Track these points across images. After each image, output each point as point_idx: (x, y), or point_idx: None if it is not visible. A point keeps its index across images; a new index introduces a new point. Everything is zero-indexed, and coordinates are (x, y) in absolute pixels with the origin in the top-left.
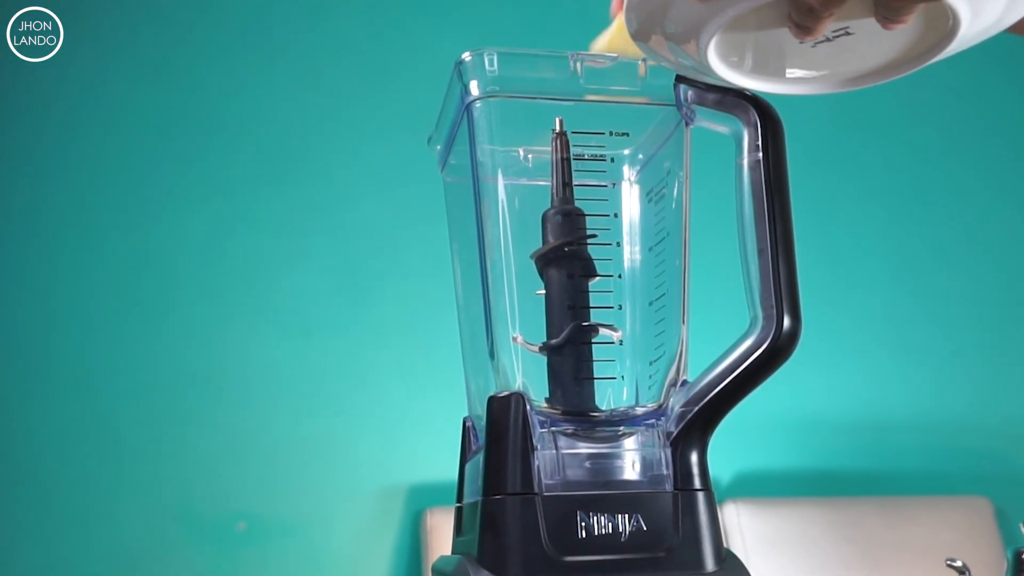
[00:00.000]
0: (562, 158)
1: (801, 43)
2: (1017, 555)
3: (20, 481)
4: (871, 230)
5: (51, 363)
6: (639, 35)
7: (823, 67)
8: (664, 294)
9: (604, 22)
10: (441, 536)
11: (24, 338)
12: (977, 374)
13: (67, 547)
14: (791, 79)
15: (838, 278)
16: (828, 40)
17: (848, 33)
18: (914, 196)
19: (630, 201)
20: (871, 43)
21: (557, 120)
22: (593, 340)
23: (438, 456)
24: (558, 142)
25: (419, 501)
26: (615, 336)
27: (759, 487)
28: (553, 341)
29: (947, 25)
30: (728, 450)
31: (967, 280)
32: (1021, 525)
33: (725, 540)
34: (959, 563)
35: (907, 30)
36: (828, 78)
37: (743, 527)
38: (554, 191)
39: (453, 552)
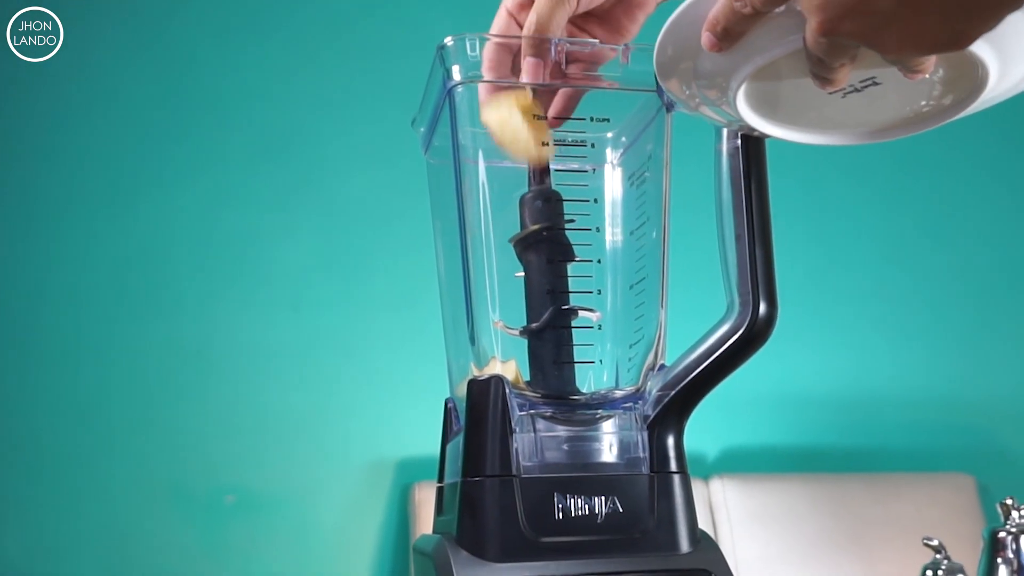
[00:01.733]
0: None
1: (829, 94)
2: (993, 534)
3: (10, 455)
4: (858, 208)
5: (42, 338)
6: (669, 85)
7: (853, 117)
8: (644, 278)
9: None
10: (429, 510)
11: (15, 313)
12: (963, 352)
13: (57, 520)
14: (820, 130)
15: (825, 256)
16: (857, 91)
17: (876, 83)
18: (902, 174)
19: (612, 184)
20: (900, 94)
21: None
22: (573, 324)
23: (427, 431)
24: None
25: (408, 475)
26: (594, 318)
27: (745, 463)
28: (533, 325)
29: (976, 76)
30: (715, 426)
31: (954, 258)
32: (999, 505)
33: (711, 516)
34: (935, 542)
35: (936, 81)
36: (857, 129)
37: (729, 503)
38: (531, 174)
39: (434, 531)
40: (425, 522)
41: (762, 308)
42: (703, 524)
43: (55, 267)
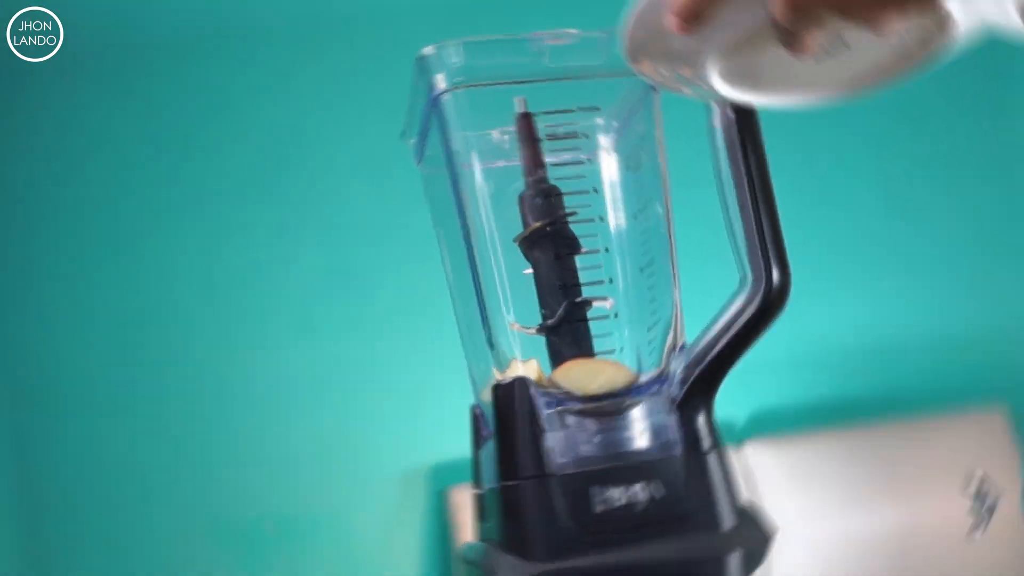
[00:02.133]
0: (530, 138)
1: (803, 62)
2: None
3: (51, 511)
4: (855, 154)
5: (61, 396)
6: (641, 68)
7: (831, 77)
8: (653, 260)
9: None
10: (467, 513)
11: (27, 373)
12: (976, 282)
13: (105, 567)
14: (800, 92)
15: (827, 206)
16: (829, 54)
17: (846, 44)
18: (896, 115)
19: (609, 171)
20: (872, 52)
21: (516, 101)
22: (588, 315)
23: (456, 434)
24: (522, 122)
25: (442, 480)
26: (606, 305)
27: (773, 424)
28: (549, 322)
29: (940, 18)
30: (740, 392)
31: (955, 193)
32: None
33: (751, 481)
34: (976, 485)
35: (904, 35)
36: (838, 87)
37: (763, 467)
38: (525, 172)
39: (477, 538)
40: (464, 526)
41: (775, 277)
42: (744, 491)
43: (61, 318)
